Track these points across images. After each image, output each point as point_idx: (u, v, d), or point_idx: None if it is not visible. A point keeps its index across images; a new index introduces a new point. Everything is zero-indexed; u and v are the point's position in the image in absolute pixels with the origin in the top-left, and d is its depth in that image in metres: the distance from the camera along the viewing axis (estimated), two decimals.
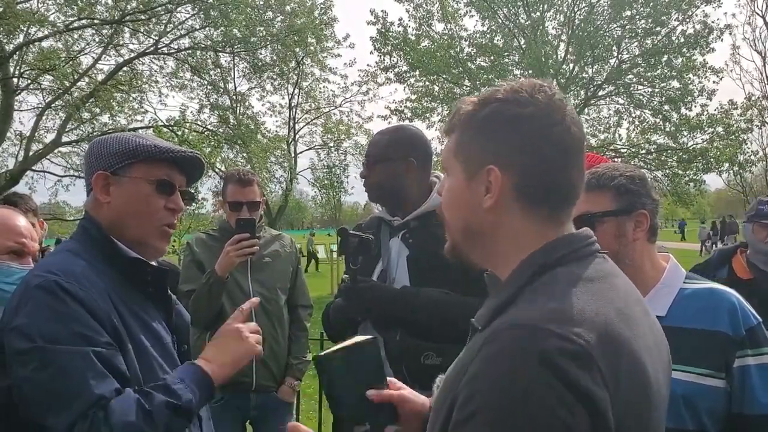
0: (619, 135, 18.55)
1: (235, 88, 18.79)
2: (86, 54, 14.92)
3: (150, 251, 1.49)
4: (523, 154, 0.91)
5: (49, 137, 15.20)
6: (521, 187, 0.92)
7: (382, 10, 17.42)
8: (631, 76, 17.61)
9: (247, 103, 19.03)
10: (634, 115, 18.09)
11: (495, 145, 0.93)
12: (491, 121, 0.93)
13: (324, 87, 19.97)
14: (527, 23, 17.27)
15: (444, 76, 18.05)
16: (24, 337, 1.24)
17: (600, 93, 18.21)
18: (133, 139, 1.47)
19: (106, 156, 1.46)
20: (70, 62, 14.12)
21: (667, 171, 17.74)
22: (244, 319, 1.56)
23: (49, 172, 15.24)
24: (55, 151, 14.95)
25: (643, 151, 18.07)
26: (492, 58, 17.91)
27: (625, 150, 18.18)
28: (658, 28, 16.81)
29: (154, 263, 1.54)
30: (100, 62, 15.03)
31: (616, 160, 15.91)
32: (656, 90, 17.26)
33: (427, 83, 18.54)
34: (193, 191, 1.65)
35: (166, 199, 1.47)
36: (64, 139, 14.86)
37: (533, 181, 0.92)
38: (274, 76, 18.01)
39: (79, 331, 1.24)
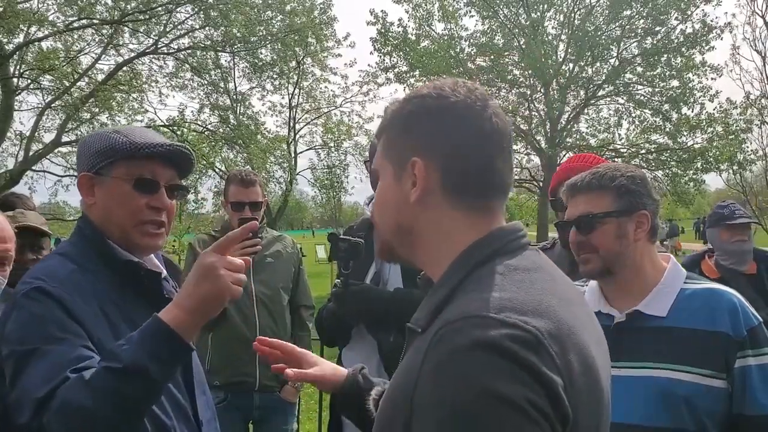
0: (619, 135, 18.53)
1: (236, 87, 18.72)
2: (86, 54, 14.88)
3: (137, 251, 1.44)
4: (445, 143, 0.91)
5: (49, 137, 15.16)
6: (446, 176, 0.91)
7: (381, 11, 17.42)
8: (630, 76, 17.59)
9: (247, 103, 19.00)
10: (634, 114, 18.06)
11: (418, 137, 0.93)
12: (414, 116, 0.94)
13: (324, 87, 19.91)
14: (527, 23, 17.24)
15: (444, 76, 17.83)
16: (6, 343, 1.25)
17: (600, 93, 18.17)
18: (112, 137, 1.42)
19: (88, 156, 1.43)
20: (70, 62, 14.09)
21: (667, 171, 17.70)
22: (229, 247, 1.26)
23: (49, 172, 15.19)
24: (55, 151, 14.88)
25: (643, 151, 18.04)
26: (492, 58, 17.86)
27: (625, 150, 18.15)
28: (657, 28, 16.80)
29: (158, 264, 1.53)
30: (100, 62, 14.98)
31: (616, 160, 15.89)
32: (656, 90, 17.24)
33: (427, 83, 18.40)
34: (186, 185, 1.58)
35: (148, 197, 1.41)
36: (64, 139, 14.80)
37: (457, 169, 0.90)
38: (275, 76, 17.92)
39: (54, 334, 1.22)
